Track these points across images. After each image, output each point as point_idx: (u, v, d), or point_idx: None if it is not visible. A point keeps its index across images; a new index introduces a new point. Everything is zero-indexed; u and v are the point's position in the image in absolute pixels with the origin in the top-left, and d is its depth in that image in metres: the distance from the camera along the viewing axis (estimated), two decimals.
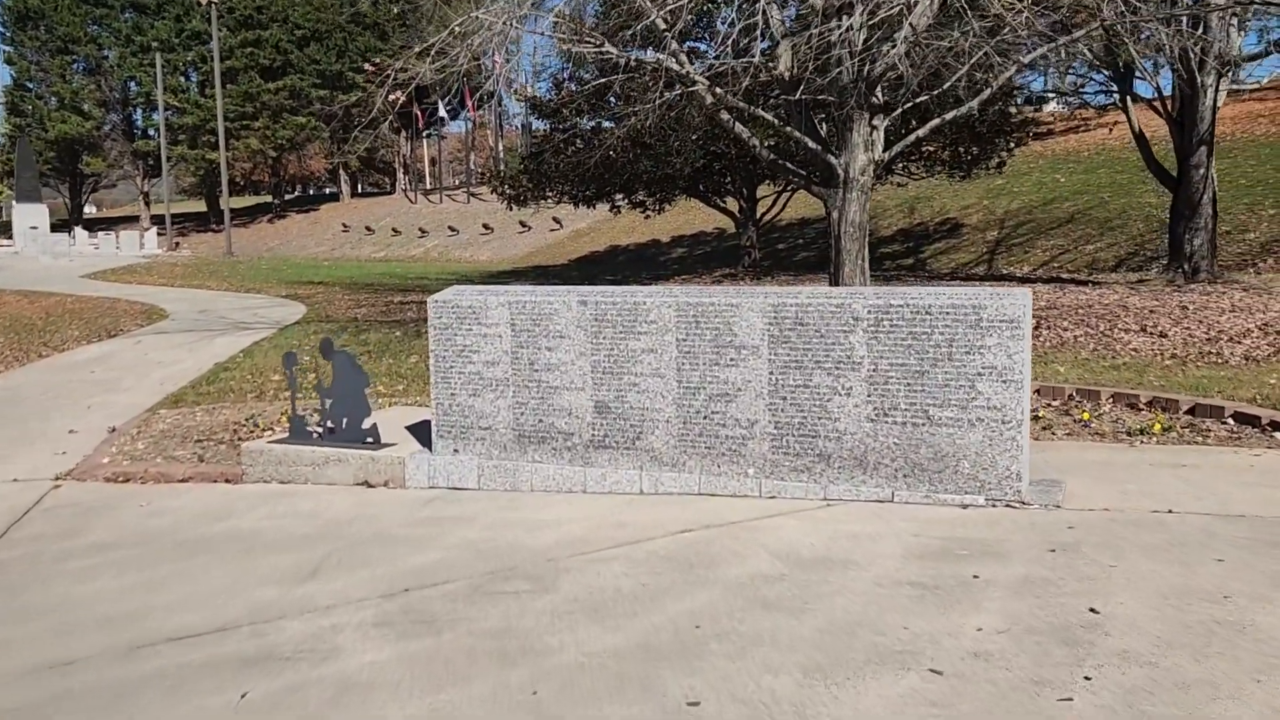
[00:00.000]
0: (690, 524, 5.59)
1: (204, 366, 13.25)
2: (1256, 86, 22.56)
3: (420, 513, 6.23)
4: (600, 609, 4.40)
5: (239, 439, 8.53)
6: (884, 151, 14.59)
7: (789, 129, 14.58)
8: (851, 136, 14.13)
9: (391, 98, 15.59)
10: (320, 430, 7.45)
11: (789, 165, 16.03)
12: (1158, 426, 7.62)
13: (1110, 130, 30.24)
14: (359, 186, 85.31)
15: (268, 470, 7.28)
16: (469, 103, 54.22)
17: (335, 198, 76.48)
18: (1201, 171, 18.65)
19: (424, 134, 70.48)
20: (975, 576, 4.54)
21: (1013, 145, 25.38)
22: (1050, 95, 34.40)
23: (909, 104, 14.77)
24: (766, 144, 16.00)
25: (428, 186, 69.51)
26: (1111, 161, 30.39)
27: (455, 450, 6.87)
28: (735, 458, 6.18)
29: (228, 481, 7.34)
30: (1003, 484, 5.66)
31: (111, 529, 6.18)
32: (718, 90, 14.26)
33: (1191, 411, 8.10)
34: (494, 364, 6.72)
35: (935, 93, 13.89)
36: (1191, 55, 16.72)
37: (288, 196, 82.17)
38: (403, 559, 5.27)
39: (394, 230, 55.01)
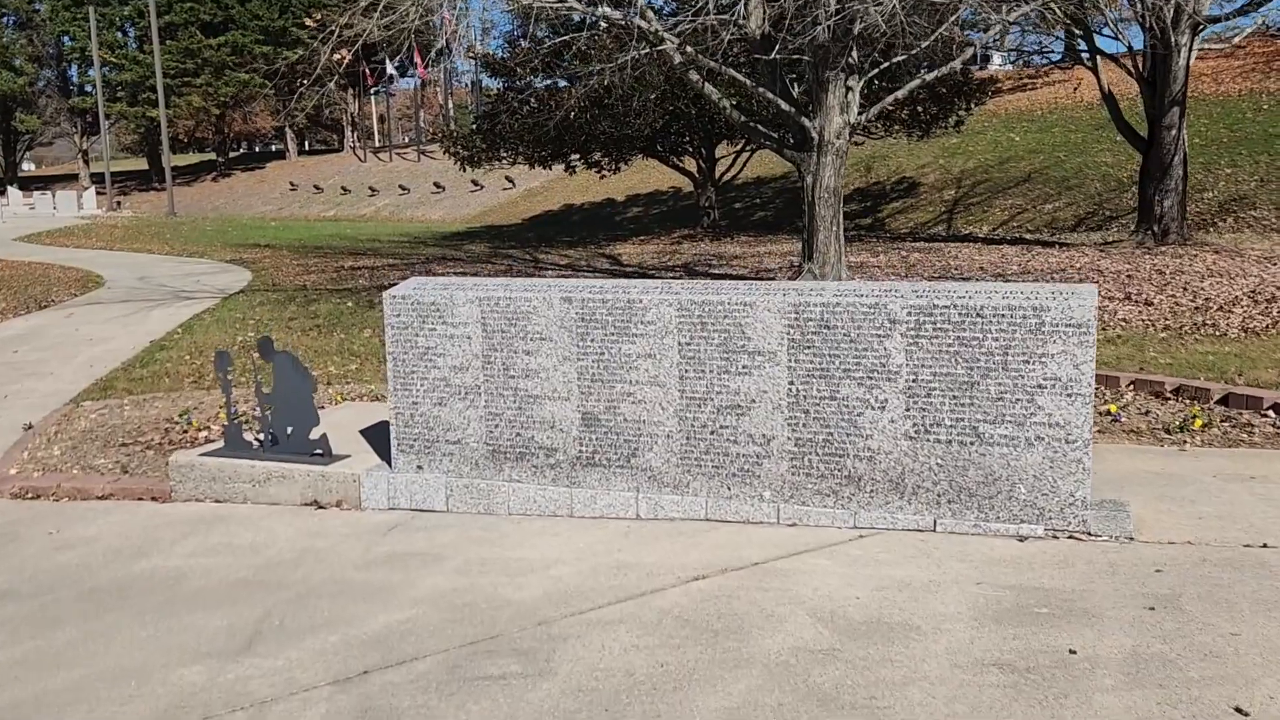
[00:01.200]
0: (704, 567, 4.68)
1: (140, 344, 12.29)
2: (1229, 45, 21.81)
3: (380, 547, 5.28)
4: (612, 706, 3.48)
5: (170, 442, 7.57)
6: (860, 114, 13.76)
7: (761, 90, 13.68)
8: (826, 98, 13.27)
9: (337, 56, 14.50)
10: (262, 438, 6.49)
11: (761, 128, 15.13)
12: (1198, 423, 7.00)
13: (1075, 89, 29.61)
14: (306, 144, 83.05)
15: (200, 488, 6.31)
16: (419, 62, 52.52)
17: (282, 155, 74.09)
18: (1173, 133, 17.99)
19: (372, 91, 68.52)
20: (1072, 651, 3.66)
21: (972, 104, 24.81)
22: (992, 51, 33.52)
23: (886, 64, 13.99)
24: (734, 105, 15.08)
25: (377, 144, 67.53)
26: (1065, 120, 29.88)
27: (419, 467, 5.92)
28: (748, 479, 5.30)
29: (154, 500, 6.37)
30: (1065, 511, 4.83)
31: (9, 569, 5.20)
32: (687, 49, 13.36)
33: (1224, 401, 7.63)
34: (462, 369, 5.77)
35: (914, 51, 13.06)
36: (1165, 12, 15.96)
37: (233, 154, 79.65)
38: (360, 619, 4.34)
39: (343, 189, 53.39)
